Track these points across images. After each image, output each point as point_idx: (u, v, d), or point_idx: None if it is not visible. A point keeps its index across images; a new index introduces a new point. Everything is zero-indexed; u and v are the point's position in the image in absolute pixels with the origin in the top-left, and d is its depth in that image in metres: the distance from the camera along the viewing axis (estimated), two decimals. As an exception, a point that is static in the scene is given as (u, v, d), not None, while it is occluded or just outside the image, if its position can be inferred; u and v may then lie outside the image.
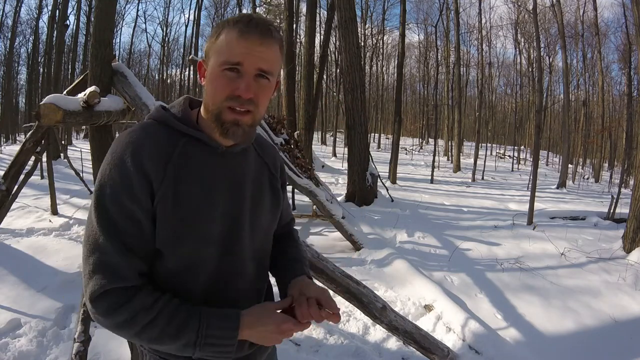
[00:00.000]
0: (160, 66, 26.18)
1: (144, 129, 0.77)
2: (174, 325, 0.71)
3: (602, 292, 3.61)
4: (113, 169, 0.72)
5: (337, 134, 21.65)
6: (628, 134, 12.60)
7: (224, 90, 0.73)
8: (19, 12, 18.95)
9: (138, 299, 0.71)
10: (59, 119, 3.00)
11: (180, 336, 0.71)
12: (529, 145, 21.53)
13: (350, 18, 7.27)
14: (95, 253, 0.70)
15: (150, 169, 0.72)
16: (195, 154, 0.77)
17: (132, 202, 0.71)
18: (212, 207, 0.78)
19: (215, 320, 0.73)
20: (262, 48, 0.73)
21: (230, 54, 0.72)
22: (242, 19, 0.74)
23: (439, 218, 6.56)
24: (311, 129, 10.71)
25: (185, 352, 0.73)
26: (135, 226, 0.72)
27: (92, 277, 0.70)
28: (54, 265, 3.66)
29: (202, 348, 0.72)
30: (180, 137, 0.77)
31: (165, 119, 0.79)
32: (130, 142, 0.74)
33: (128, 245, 0.71)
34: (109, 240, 0.70)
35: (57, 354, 2.39)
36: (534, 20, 8.10)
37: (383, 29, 24.80)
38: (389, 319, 2.26)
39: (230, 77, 0.73)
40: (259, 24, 0.73)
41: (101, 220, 0.71)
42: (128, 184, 0.71)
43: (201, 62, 0.79)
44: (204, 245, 0.78)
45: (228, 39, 0.73)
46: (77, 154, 9.93)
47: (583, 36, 17.33)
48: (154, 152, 0.73)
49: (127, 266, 0.71)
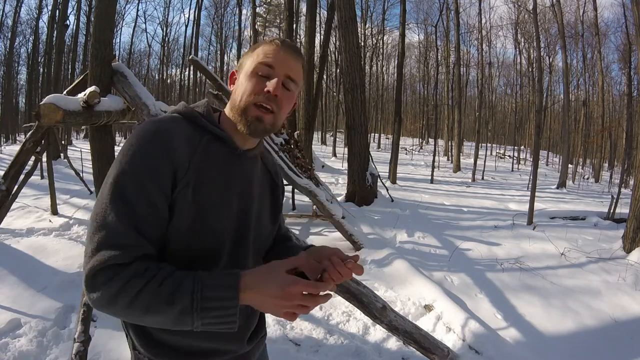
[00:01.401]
0: (160, 66, 26.21)
1: (172, 120, 0.80)
2: (166, 288, 0.66)
3: (602, 292, 3.61)
4: (138, 151, 0.72)
5: (337, 134, 21.66)
6: (628, 134, 12.60)
7: (255, 88, 0.80)
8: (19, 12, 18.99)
9: (132, 267, 0.67)
10: (59, 119, 3.01)
11: (174, 301, 0.65)
12: (529, 145, 21.54)
13: (350, 18, 7.27)
14: (101, 231, 0.68)
15: (177, 157, 0.74)
16: (216, 151, 0.81)
17: (154, 185, 0.71)
18: (228, 205, 0.81)
19: (211, 280, 0.67)
20: (292, 59, 0.82)
21: (265, 57, 0.81)
22: (278, 39, 0.85)
23: (439, 218, 6.56)
24: (311, 129, 10.71)
25: (184, 322, 0.67)
26: (151, 209, 0.71)
27: (94, 254, 0.67)
28: (54, 265, 3.66)
29: (200, 314, 0.66)
30: (204, 133, 0.81)
31: (192, 115, 0.83)
32: (159, 129, 0.75)
33: (138, 227, 0.69)
34: (120, 220, 0.68)
35: (57, 354, 2.38)
36: (534, 20, 8.10)
37: (383, 29, 24.84)
38: (389, 319, 2.26)
39: (261, 78, 0.80)
40: (292, 45, 0.85)
41: (115, 198, 0.69)
42: (153, 168, 0.72)
43: (234, 71, 0.88)
44: (215, 241, 0.80)
45: (265, 49, 0.82)
46: (77, 154, 9.94)
47: (583, 36, 17.34)
48: (182, 142, 0.76)
49: (133, 247, 0.68)
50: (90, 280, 0.67)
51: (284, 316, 0.69)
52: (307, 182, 5.12)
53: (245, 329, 0.89)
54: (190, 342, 0.81)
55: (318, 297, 0.69)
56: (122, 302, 0.66)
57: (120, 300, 0.66)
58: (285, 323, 2.85)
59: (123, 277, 0.66)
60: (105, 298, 0.66)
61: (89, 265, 0.67)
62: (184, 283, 0.67)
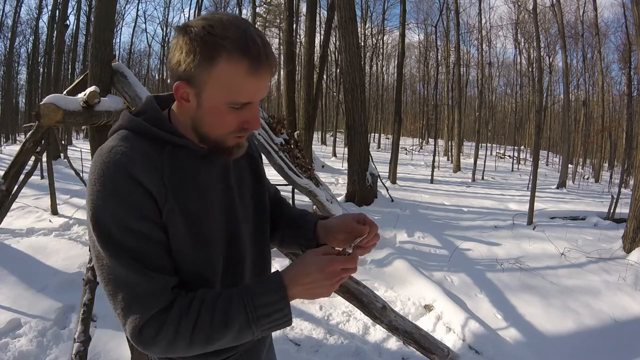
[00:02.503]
0: (160, 66, 26.21)
1: (124, 142, 0.69)
2: (219, 315, 0.67)
3: (602, 292, 3.61)
4: (108, 195, 0.65)
5: (337, 134, 21.64)
6: (628, 134, 12.60)
7: (231, 125, 0.71)
8: (19, 12, 18.98)
9: (175, 309, 0.67)
10: (59, 119, 3.00)
11: (231, 323, 0.67)
12: (529, 145, 21.54)
13: (350, 18, 7.27)
14: (121, 289, 0.65)
15: (151, 185, 0.67)
16: (182, 160, 0.74)
17: (143, 221, 0.66)
18: (212, 208, 0.77)
19: (257, 289, 0.69)
20: (269, 80, 0.70)
21: (240, 95, 0.67)
22: (250, 46, 0.64)
23: (439, 218, 6.56)
24: (311, 129, 10.70)
25: (246, 336, 0.69)
26: (152, 245, 0.68)
27: (127, 315, 0.65)
28: (54, 265, 3.66)
29: (257, 323, 0.68)
30: (163, 144, 0.72)
31: (143, 129, 0.72)
32: (117, 160, 0.66)
33: (150, 268, 0.66)
34: (130, 270, 0.65)
35: (57, 354, 2.39)
36: (534, 20, 8.10)
37: (383, 29, 24.81)
38: (389, 319, 2.26)
39: (236, 112, 0.70)
40: (268, 55, 0.66)
41: (112, 253, 0.65)
42: (133, 205, 0.66)
43: (180, 84, 0.68)
44: (212, 247, 0.78)
45: (234, 74, 0.65)
46: (77, 154, 9.93)
47: (583, 36, 17.32)
48: (147, 166, 0.68)
49: (159, 289, 0.67)
50: (138, 340, 0.66)
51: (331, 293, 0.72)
52: (307, 182, 5.12)
53: None
54: None
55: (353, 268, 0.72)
56: (182, 345, 0.67)
57: (179, 344, 0.67)
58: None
59: (171, 322, 0.66)
60: (163, 348, 0.67)
61: (130, 327, 0.65)
62: (232, 303, 0.68)
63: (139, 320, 0.65)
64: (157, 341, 0.66)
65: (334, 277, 0.69)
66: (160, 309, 0.66)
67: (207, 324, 0.66)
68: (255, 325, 0.68)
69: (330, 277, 0.69)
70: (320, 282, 0.69)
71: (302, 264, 0.71)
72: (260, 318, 0.68)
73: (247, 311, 0.67)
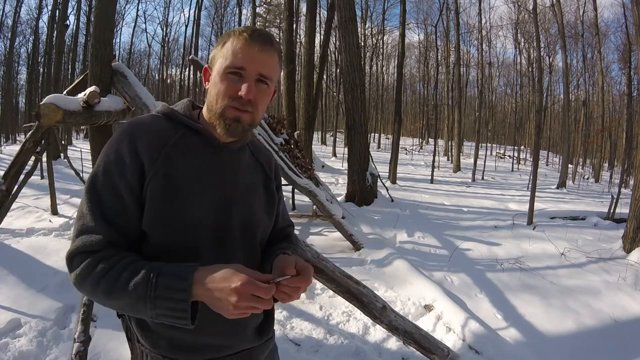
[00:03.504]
0: (160, 66, 26.18)
1: (148, 117, 0.85)
2: (126, 274, 0.70)
3: (602, 292, 3.61)
4: (110, 147, 0.79)
5: (337, 134, 21.65)
6: (628, 134, 12.61)
7: (227, 91, 0.79)
8: (19, 12, 18.97)
9: (100, 253, 0.74)
10: (59, 119, 3.01)
11: (131, 286, 0.69)
12: (529, 145, 21.54)
13: (350, 18, 7.27)
14: (80, 219, 0.77)
15: (144, 151, 0.78)
16: (191, 143, 0.83)
17: (120, 178, 0.76)
18: (202, 194, 0.81)
19: (168, 269, 0.70)
20: (263, 55, 0.80)
21: (235, 59, 0.79)
22: (247, 29, 0.81)
23: (439, 218, 6.56)
24: (311, 129, 10.71)
25: (140, 309, 0.70)
26: (118, 201, 0.76)
27: (73, 240, 0.76)
28: (54, 265, 3.65)
29: (153, 302, 0.67)
30: (180, 127, 0.84)
31: (169, 112, 0.86)
32: (131, 126, 0.81)
33: (106, 217, 0.76)
34: (92, 211, 0.76)
35: (57, 354, 2.38)
36: (534, 20, 8.10)
37: (383, 29, 24.82)
38: (389, 319, 2.26)
39: (233, 80, 0.79)
40: (262, 35, 0.81)
41: (89, 191, 0.77)
42: (120, 162, 0.77)
43: (207, 67, 0.85)
44: (192, 231, 0.79)
45: (234, 46, 0.79)
46: (77, 154, 9.93)
47: (583, 36, 17.33)
48: (151, 137, 0.80)
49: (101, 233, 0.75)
50: (68, 262, 0.76)
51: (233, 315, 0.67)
52: (307, 182, 5.12)
53: (246, 324, 0.87)
54: (183, 336, 0.80)
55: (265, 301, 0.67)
56: (89, 285, 0.73)
57: (88, 283, 0.73)
58: (285, 323, 2.85)
59: (91, 263, 0.73)
60: (78, 280, 0.74)
61: (69, 250, 0.76)
62: (143, 270, 0.70)
63: (75, 249, 0.75)
64: (77, 273, 0.74)
65: (241, 297, 0.65)
66: (93, 250, 0.74)
67: (113, 278, 0.71)
68: (151, 302, 0.68)
69: (237, 295, 0.65)
70: (225, 295, 0.66)
71: (219, 269, 0.69)
72: (157, 298, 0.68)
73: (148, 284, 0.68)
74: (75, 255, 0.75)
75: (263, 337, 0.92)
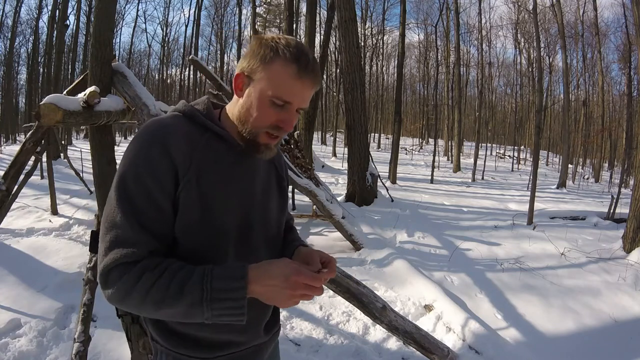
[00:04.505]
0: (160, 66, 26.22)
1: (172, 119, 0.82)
2: (177, 281, 0.69)
3: (602, 292, 3.61)
4: (140, 151, 0.75)
5: (337, 134, 21.65)
6: (628, 134, 12.59)
7: (269, 119, 0.79)
8: (19, 12, 19.00)
9: (142, 264, 0.71)
10: (59, 119, 3.01)
11: (184, 293, 0.69)
12: (529, 145, 21.53)
13: (350, 18, 7.27)
14: (112, 230, 0.73)
15: (178, 156, 0.76)
16: (217, 148, 0.82)
17: (155, 183, 0.74)
18: (230, 199, 0.82)
19: (221, 272, 0.71)
20: (311, 92, 0.80)
21: (284, 92, 0.77)
22: (301, 57, 0.77)
23: (439, 218, 6.56)
24: (311, 129, 10.70)
25: (195, 314, 0.70)
26: (154, 208, 0.74)
27: (107, 254, 0.72)
28: (54, 265, 3.65)
29: (210, 305, 0.69)
30: (205, 131, 0.83)
31: (192, 113, 0.84)
32: (159, 129, 0.78)
33: (144, 225, 0.73)
34: (127, 220, 0.72)
35: (57, 354, 2.38)
36: (534, 20, 8.10)
37: (383, 29, 24.84)
38: (389, 319, 2.26)
39: (276, 109, 0.78)
40: (315, 69, 0.79)
41: (120, 199, 0.73)
42: (153, 167, 0.74)
43: (240, 74, 0.81)
44: (220, 235, 0.81)
45: (284, 74, 0.76)
46: (77, 154, 9.94)
47: (583, 36, 17.34)
48: (182, 141, 0.77)
49: (139, 243, 0.72)
50: (104, 278, 0.72)
51: (288, 305, 0.73)
52: (307, 182, 5.12)
53: (260, 321, 0.91)
54: (205, 334, 0.83)
55: (316, 288, 0.72)
56: (136, 298, 0.70)
57: (133, 296, 0.70)
58: (285, 323, 2.85)
59: (134, 274, 0.70)
60: (120, 294, 0.71)
61: (103, 263, 0.72)
62: (194, 276, 0.70)
63: (112, 262, 0.71)
64: (118, 287, 0.70)
65: (296, 288, 0.70)
66: (133, 260, 0.71)
67: (163, 287, 0.69)
68: (208, 305, 0.69)
69: (292, 287, 0.70)
70: (280, 289, 0.70)
71: (270, 265, 0.73)
72: (213, 300, 0.69)
73: (204, 289, 0.69)
74: (112, 269, 0.71)
75: (270, 332, 0.96)
